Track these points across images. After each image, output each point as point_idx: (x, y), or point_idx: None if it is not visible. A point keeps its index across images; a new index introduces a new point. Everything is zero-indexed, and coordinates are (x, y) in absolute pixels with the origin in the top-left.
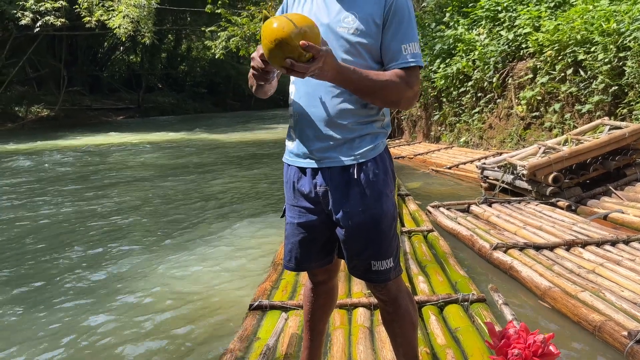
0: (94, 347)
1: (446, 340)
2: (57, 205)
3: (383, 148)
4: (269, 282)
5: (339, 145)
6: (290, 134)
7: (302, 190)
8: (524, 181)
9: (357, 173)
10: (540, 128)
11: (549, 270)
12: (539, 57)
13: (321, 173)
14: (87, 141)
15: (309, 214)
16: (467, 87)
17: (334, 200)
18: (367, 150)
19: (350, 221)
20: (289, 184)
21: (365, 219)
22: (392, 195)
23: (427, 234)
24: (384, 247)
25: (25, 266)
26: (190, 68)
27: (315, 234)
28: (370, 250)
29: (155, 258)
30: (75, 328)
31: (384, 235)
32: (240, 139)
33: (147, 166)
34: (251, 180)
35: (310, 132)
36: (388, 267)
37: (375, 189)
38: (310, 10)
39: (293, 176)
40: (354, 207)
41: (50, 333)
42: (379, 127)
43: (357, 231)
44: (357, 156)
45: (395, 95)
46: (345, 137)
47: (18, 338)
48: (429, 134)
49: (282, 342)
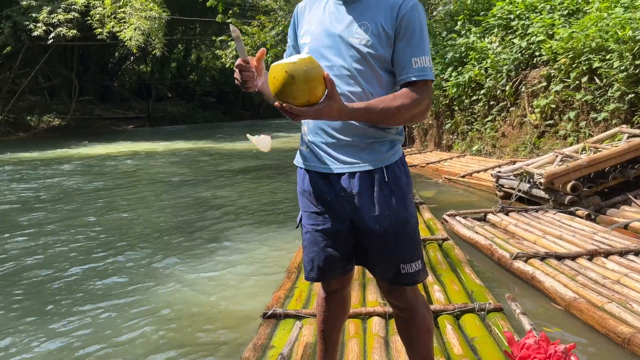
0: (107, 352)
1: (463, 350)
2: (70, 213)
3: (401, 152)
4: (283, 290)
5: (360, 150)
6: (304, 140)
7: (325, 197)
8: (541, 190)
9: (385, 176)
10: (554, 136)
11: (572, 281)
12: (552, 65)
13: (345, 178)
14: (98, 150)
15: (332, 220)
16: (479, 95)
17: (360, 204)
18: (389, 154)
19: (378, 225)
20: (307, 191)
21: (393, 222)
22: (412, 198)
23: (442, 243)
24: (412, 250)
25: (43, 271)
26: (199, 77)
27: (339, 241)
28: (399, 253)
29: (169, 266)
30: (89, 332)
31: (411, 238)
32: (251, 147)
33: (159, 175)
34: (264, 189)
35: (327, 138)
36: (417, 270)
37: (400, 192)
38: (321, 20)
39: (311, 182)
40: (380, 211)
41: (66, 335)
42: (394, 133)
43: (385, 235)
44: (380, 160)
45: (406, 116)
46: (364, 142)
47: (40, 339)
48: (441, 142)
49: (296, 351)
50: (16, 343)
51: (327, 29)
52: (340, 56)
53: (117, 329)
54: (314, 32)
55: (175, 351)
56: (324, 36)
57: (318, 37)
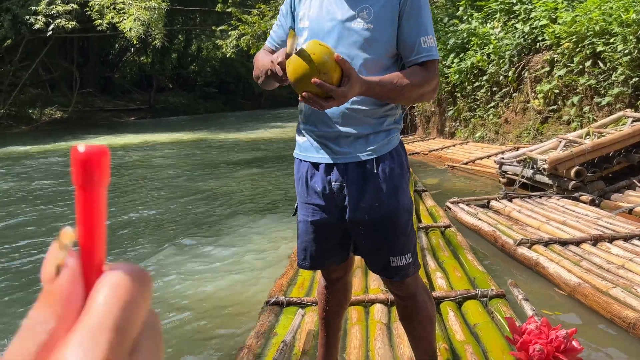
0: None
1: (465, 336)
2: (72, 204)
3: (397, 142)
4: (286, 278)
5: (353, 141)
6: (300, 129)
7: (316, 187)
8: (544, 175)
9: (374, 168)
10: (558, 122)
11: (576, 266)
12: (556, 49)
13: (336, 168)
14: (100, 142)
15: (323, 211)
16: (481, 81)
17: (350, 196)
18: (383, 144)
19: (368, 216)
20: (301, 181)
21: (382, 214)
22: (407, 189)
23: (445, 230)
24: (402, 242)
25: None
26: (200, 68)
27: (330, 231)
28: (388, 246)
29: (171, 255)
30: None
31: (401, 230)
32: (253, 137)
33: (161, 166)
34: (266, 179)
35: (323, 128)
36: (407, 263)
37: (391, 184)
38: (321, 5)
39: (305, 172)
40: (370, 202)
41: None
42: (392, 122)
43: (374, 227)
44: (373, 151)
45: (418, 93)
46: (359, 133)
47: None
48: (443, 129)
49: (299, 338)
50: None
51: (328, 13)
52: (341, 42)
53: None
54: (313, 16)
55: (176, 338)
56: (325, 21)
57: (318, 21)
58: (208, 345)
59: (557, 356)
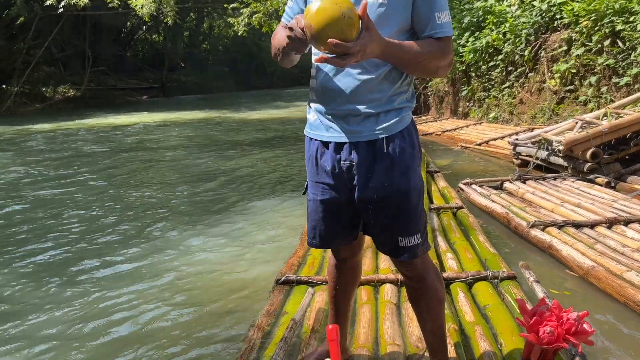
0: (122, 317)
1: (475, 318)
2: (84, 183)
3: (409, 121)
4: (296, 257)
5: (364, 119)
6: (311, 106)
7: (325, 166)
8: (559, 157)
9: (384, 147)
10: (574, 102)
11: (591, 249)
12: (574, 28)
13: (346, 147)
14: (113, 121)
15: (332, 190)
16: (496, 61)
17: (360, 175)
18: (394, 123)
19: (377, 196)
20: (311, 159)
21: (392, 194)
22: (419, 170)
23: (457, 211)
24: (412, 223)
25: (59, 240)
26: (212, 46)
27: (339, 210)
28: (397, 226)
29: (183, 234)
30: (104, 299)
31: (411, 210)
32: (264, 117)
33: (173, 145)
34: (277, 157)
35: (333, 105)
36: (416, 243)
37: (402, 163)
38: None
39: (315, 151)
40: (380, 182)
41: (83, 303)
42: (404, 100)
43: (384, 206)
44: (383, 130)
45: (434, 65)
46: (370, 111)
47: (55, 309)
48: (457, 110)
49: (308, 316)
50: (26, 311)
51: None
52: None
53: (130, 297)
54: None
55: (186, 316)
56: None
57: None
58: (218, 323)
59: (567, 338)
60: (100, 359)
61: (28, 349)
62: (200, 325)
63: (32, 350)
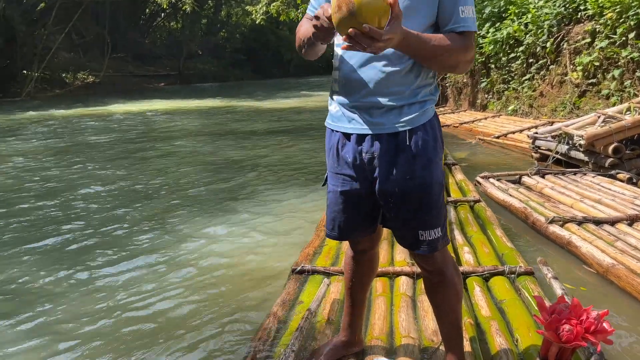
0: (136, 305)
1: (491, 312)
2: (102, 170)
3: (432, 114)
4: (312, 247)
5: (387, 112)
6: (333, 98)
7: (346, 157)
8: (580, 152)
9: (407, 140)
10: (596, 96)
11: (611, 247)
12: (598, 19)
13: (368, 139)
14: (131, 108)
15: (353, 181)
16: (517, 52)
17: (381, 167)
18: (417, 116)
19: (398, 189)
20: (332, 151)
21: (413, 187)
22: (441, 163)
23: (474, 205)
24: (432, 216)
25: (74, 229)
26: (229, 35)
27: (359, 202)
28: (417, 219)
29: (199, 223)
30: (120, 288)
31: (432, 204)
32: (281, 106)
33: (189, 133)
34: (294, 147)
35: (356, 97)
36: (436, 237)
37: (424, 156)
38: None
39: (337, 142)
40: (401, 175)
41: (100, 293)
42: (427, 93)
43: (404, 200)
44: (406, 122)
45: (454, 59)
46: (394, 104)
47: (71, 298)
48: (475, 102)
49: (324, 307)
50: (43, 300)
51: None
52: None
53: (145, 285)
54: None
55: (202, 304)
56: None
57: None
58: (233, 312)
59: (587, 337)
60: (118, 345)
61: (45, 338)
62: (217, 312)
63: (48, 338)
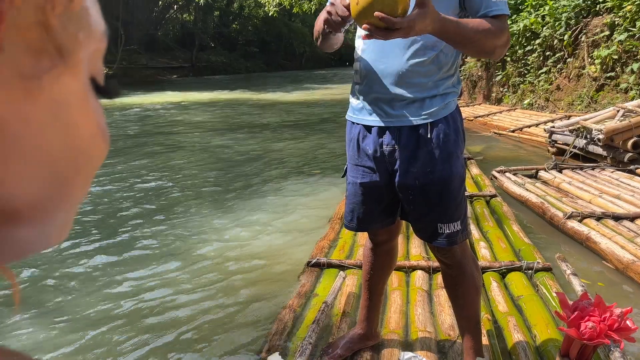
0: (153, 297)
1: (508, 308)
2: (115, 163)
3: (454, 107)
4: (327, 240)
5: (409, 104)
6: (355, 91)
7: (367, 149)
8: (598, 146)
9: (428, 133)
10: (614, 90)
11: (631, 243)
12: (617, 12)
13: (389, 132)
14: (144, 99)
15: (373, 173)
16: (534, 45)
17: (402, 160)
18: (438, 109)
19: (418, 182)
20: (353, 142)
21: (433, 180)
22: (462, 157)
23: (490, 199)
24: (452, 210)
25: (86, 221)
26: (242, 27)
27: (379, 194)
28: (437, 213)
29: (214, 216)
30: (135, 279)
31: (452, 197)
32: (295, 98)
33: (202, 125)
34: (308, 140)
35: (378, 89)
36: (455, 230)
37: (445, 150)
38: None
39: (357, 134)
40: (422, 168)
41: (116, 283)
42: (450, 86)
43: (424, 193)
44: (428, 115)
45: (490, 44)
46: (415, 96)
47: (90, 288)
48: (490, 95)
49: (339, 299)
50: (54, 292)
51: None
52: None
53: (160, 278)
54: None
55: (218, 296)
56: None
57: None
58: (249, 303)
59: (610, 334)
60: (132, 337)
61: (55, 330)
62: (232, 304)
63: (59, 330)
